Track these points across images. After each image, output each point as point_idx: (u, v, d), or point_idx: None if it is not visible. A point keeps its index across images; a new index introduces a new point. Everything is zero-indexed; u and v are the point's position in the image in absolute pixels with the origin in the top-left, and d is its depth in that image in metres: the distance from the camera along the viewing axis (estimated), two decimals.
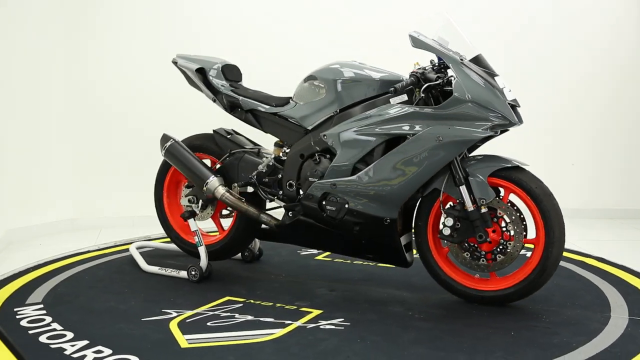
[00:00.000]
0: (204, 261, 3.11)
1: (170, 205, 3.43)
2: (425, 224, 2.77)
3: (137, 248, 3.60)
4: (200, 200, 3.19)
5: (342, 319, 2.55)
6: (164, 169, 3.41)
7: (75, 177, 4.48)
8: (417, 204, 2.80)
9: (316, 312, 2.64)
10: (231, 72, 3.19)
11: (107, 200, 4.54)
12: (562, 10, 4.67)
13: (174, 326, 2.48)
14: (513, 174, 2.61)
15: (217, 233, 3.39)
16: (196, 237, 3.13)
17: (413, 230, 2.84)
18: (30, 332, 2.42)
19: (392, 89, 2.58)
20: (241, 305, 2.74)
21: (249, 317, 2.58)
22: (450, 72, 2.67)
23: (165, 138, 3.21)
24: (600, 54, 4.68)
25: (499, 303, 2.68)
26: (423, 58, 2.86)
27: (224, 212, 3.37)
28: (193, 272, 3.09)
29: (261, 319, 2.56)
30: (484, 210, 2.60)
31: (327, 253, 3.64)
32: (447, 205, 2.71)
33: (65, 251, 3.73)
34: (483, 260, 2.67)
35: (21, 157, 4.19)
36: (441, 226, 2.70)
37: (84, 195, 4.51)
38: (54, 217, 4.39)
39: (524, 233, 2.63)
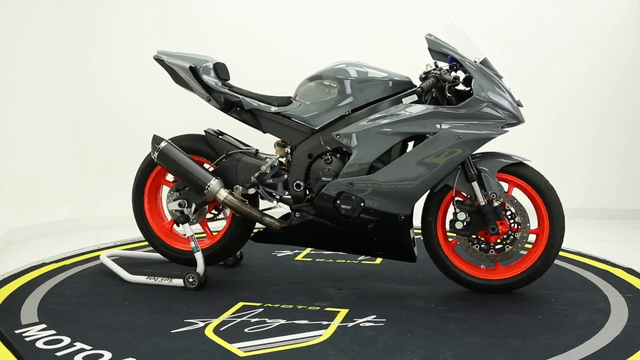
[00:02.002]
0: (201, 267, 3.05)
1: (151, 210, 3.32)
2: (435, 219, 2.95)
3: (108, 257, 3.45)
4: (193, 204, 3.11)
5: (375, 316, 2.65)
6: (145, 173, 3.27)
7: (76, 177, 4.52)
8: (425, 200, 2.99)
9: (343, 311, 2.71)
10: (222, 71, 3.14)
11: (107, 201, 4.50)
12: (562, 10, 4.77)
13: (212, 336, 2.43)
14: (519, 170, 2.88)
15: (205, 237, 3.34)
16: (192, 242, 3.05)
17: (420, 226, 3.01)
18: (58, 353, 2.25)
19: (420, 89, 2.72)
20: (262, 310, 2.74)
21: (282, 321, 2.59)
22: (459, 73, 2.88)
23: (156, 140, 3.09)
24: (600, 54, 4.80)
25: (505, 291, 2.94)
26: (422, 60, 3.05)
27: (208, 215, 3.32)
28: (191, 280, 3.02)
29: (295, 321, 2.58)
30: (496, 204, 2.84)
31: (305, 253, 3.73)
32: (456, 201, 2.91)
33: (65, 251, 3.73)
34: (492, 252, 2.91)
35: (21, 157, 4.23)
36: (450, 221, 2.91)
37: (84, 196, 4.55)
38: (54, 217, 4.43)
39: (529, 224, 2.91)
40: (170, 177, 3.30)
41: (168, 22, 4.53)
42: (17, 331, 2.49)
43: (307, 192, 3.00)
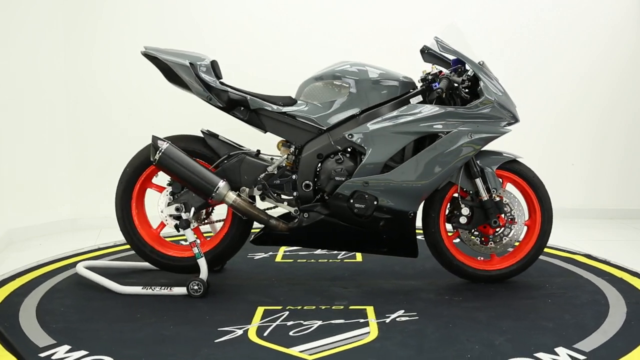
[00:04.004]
0: (205, 274, 3.09)
1: (139, 216, 3.33)
2: (438, 215, 3.19)
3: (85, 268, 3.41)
4: (192, 208, 3.11)
5: (404, 311, 2.85)
6: (134, 176, 3.29)
7: (76, 177, 4.72)
8: (427, 197, 3.24)
9: (369, 308, 2.89)
10: (217, 69, 3.21)
11: (107, 201, 4.45)
12: (562, 10, 4.95)
13: (262, 342, 2.49)
14: (515, 166, 3.19)
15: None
16: (195, 248, 3.07)
17: (422, 222, 3.24)
18: None
19: (440, 89, 2.95)
20: (288, 313, 2.83)
21: (319, 322, 2.71)
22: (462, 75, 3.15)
23: (157, 141, 3.07)
24: (600, 54, 5.00)
25: (502, 279, 3.25)
26: (422, 60, 3.32)
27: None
28: (195, 287, 3.06)
29: (332, 321, 2.72)
30: (497, 198, 3.12)
31: (281, 254, 3.88)
32: (457, 197, 3.18)
33: (65, 251, 3.89)
34: (491, 244, 3.19)
35: (21, 157, 4.42)
36: (449, 216, 3.21)
37: (84, 196, 4.76)
38: (54, 217, 4.64)
39: (524, 216, 3.20)
40: (157, 181, 3.36)
41: (168, 22, 4.73)
42: (41, 354, 2.41)
43: (316, 193, 3.14)
